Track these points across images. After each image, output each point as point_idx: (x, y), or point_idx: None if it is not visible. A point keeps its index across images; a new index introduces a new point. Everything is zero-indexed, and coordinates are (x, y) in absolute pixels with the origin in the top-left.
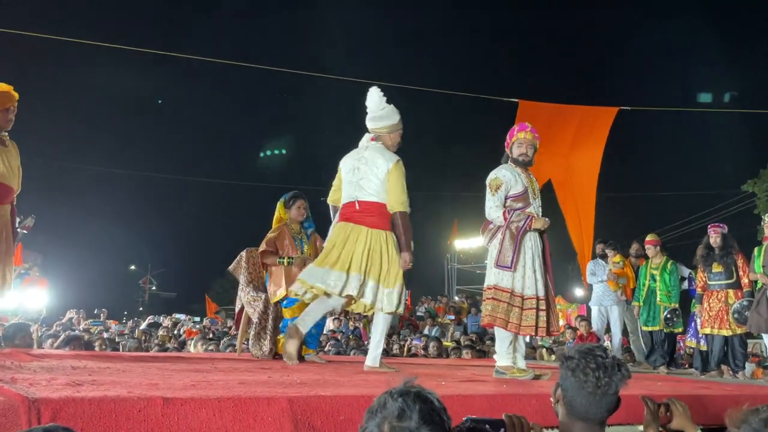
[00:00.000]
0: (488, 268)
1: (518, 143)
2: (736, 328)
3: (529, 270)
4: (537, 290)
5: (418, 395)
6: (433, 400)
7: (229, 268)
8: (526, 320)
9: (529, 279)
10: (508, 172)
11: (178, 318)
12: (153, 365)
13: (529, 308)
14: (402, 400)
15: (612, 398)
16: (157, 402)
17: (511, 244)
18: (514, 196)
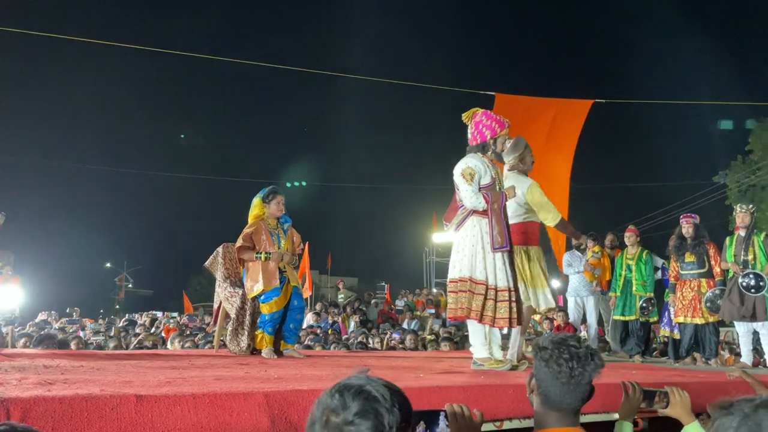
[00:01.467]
0: (458, 260)
1: (503, 139)
2: (708, 317)
3: (499, 261)
4: (508, 281)
5: (360, 390)
6: (376, 395)
7: (205, 264)
8: (500, 312)
9: (500, 270)
10: (479, 162)
11: (155, 315)
12: (128, 363)
13: (503, 300)
14: (339, 396)
15: (586, 388)
16: (131, 400)
17: (499, 223)
18: (484, 187)
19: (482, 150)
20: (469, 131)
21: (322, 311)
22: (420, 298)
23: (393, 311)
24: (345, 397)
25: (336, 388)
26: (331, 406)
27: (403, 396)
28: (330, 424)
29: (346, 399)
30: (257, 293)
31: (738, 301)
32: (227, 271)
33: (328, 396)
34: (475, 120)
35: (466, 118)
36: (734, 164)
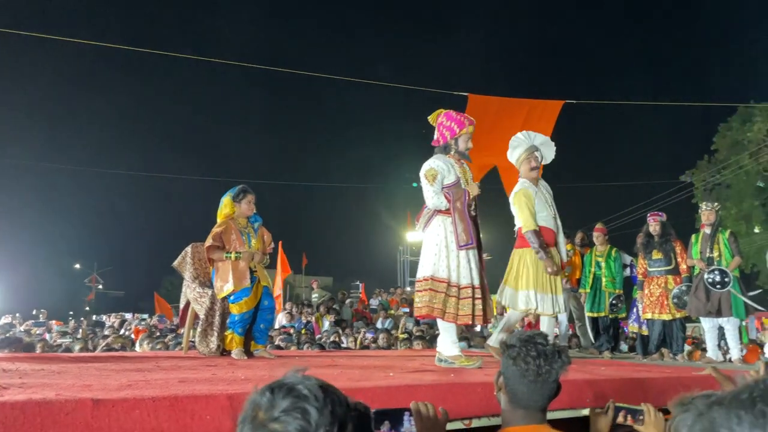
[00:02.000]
0: (423, 259)
1: (465, 137)
2: (675, 313)
3: (463, 259)
4: (472, 279)
5: (291, 389)
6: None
7: (173, 264)
8: (462, 309)
9: (464, 268)
10: (442, 162)
11: (124, 317)
12: (92, 366)
13: (465, 297)
14: (269, 394)
15: (553, 385)
16: (87, 404)
17: (463, 220)
18: (448, 186)
19: (445, 150)
20: (435, 133)
21: (293, 310)
22: (394, 297)
23: (367, 310)
24: (275, 394)
25: (268, 385)
26: (260, 403)
27: (341, 398)
28: (257, 420)
29: (276, 396)
30: (227, 293)
31: (704, 297)
32: (196, 271)
33: (259, 393)
34: (438, 121)
35: (432, 120)
36: (700, 163)
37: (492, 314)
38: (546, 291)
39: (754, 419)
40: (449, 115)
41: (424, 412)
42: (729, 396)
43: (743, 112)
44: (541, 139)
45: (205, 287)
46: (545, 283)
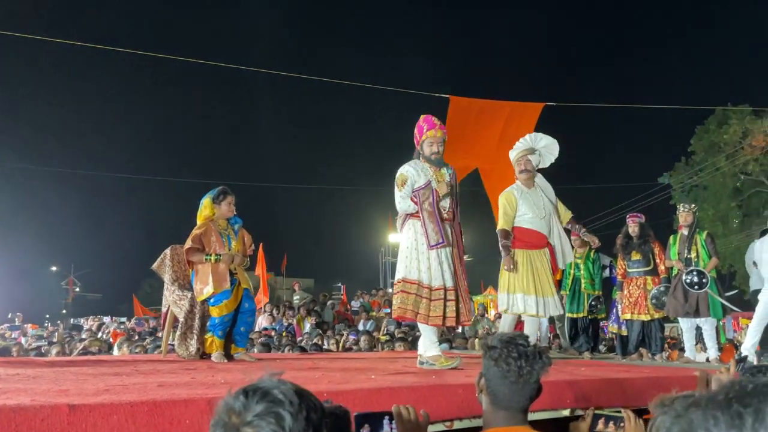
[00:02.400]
0: (398, 261)
1: (429, 141)
2: (654, 313)
3: (434, 261)
4: (444, 280)
5: (266, 393)
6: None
7: (152, 267)
8: (433, 311)
9: (435, 270)
10: (412, 168)
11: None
12: (69, 370)
13: (437, 299)
14: (243, 397)
15: (534, 386)
16: (63, 410)
17: (432, 220)
18: (418, 189)
19: (417, 155)
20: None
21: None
22: (376, 298)
23: (349, 312)
24: (249, 398)
25: (240, 390)
26: (234, 407)
27: (316, 403)
28: (229, 424)
29: (250, 400)
30: (207, 296)
31: (682, 297)
32: (175, 273)
33: (233, 397)
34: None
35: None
36: (678, 165)
37: (469, 316)
38: (530, 293)
39: (731, 420)
40: (418, 121)
41: (405, 415)
42: (706, 398)
43: (719, 115)
44: (545, 142)
45: (185, 290)
46: (529, 285)
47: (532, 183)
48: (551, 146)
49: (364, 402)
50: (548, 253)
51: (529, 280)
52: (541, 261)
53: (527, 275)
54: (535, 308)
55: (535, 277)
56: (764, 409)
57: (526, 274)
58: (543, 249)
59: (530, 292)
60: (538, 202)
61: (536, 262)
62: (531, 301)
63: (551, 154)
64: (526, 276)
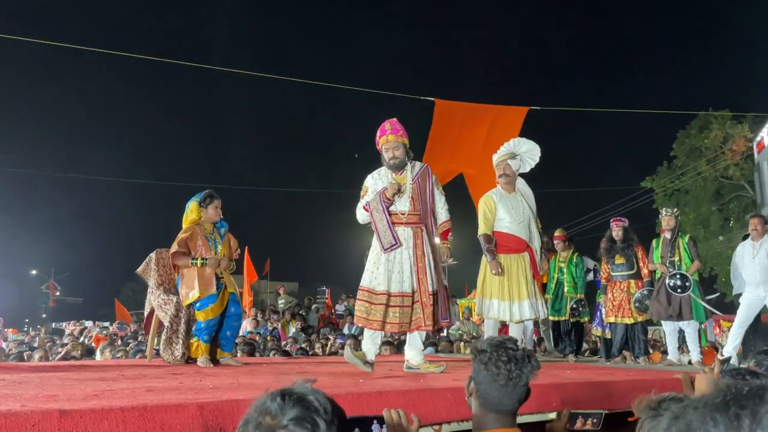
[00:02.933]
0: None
1: (385, 149)
2: (637, 316)
3: (382, 266)
4: (389, 286)
5: (301, 398)
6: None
7: (137, 271)
8: (373, 315)
9: (381, 275)
10: (371, 178)
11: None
12: (54, 375)
13: (378, 303)
14: (280, 400)
15: (523, 389)
16: (54, 415)
17: (381, 222)
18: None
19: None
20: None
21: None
22: None
23: (334, 316)
24: (285, 401)
25: (278, 392)
26: (269, 409)
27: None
28: (263, 426)
29: (286, 404)
30: (193, 300)
31: (665, 301)
32: (161, 277)
33: (269, 398)
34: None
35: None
36: (660, 170)
37: (428, 321)
38: (504, 298)
39: (729, 422)
40: (380, 127)
41: (396, 419)
42: (704, 400)
43: (701, 120)
44: (527, 147)
45: (170, 294)
46: (503, 291)
47: (512, 188)
48: (532, 151)
49: (354, 406)
50: (528, 257)
51: (503, 286)
52: (518, 265)
53: (503, 280)
54: (509, 313)
55: (510, 282)
56: (761, 411)
57: (501, 280)
58: (522, 253)
59: (504, 297)
60: (517, 207)
61: (513, 266)
62: (505, 306)
63: (532, 159)
64: (500, 281)
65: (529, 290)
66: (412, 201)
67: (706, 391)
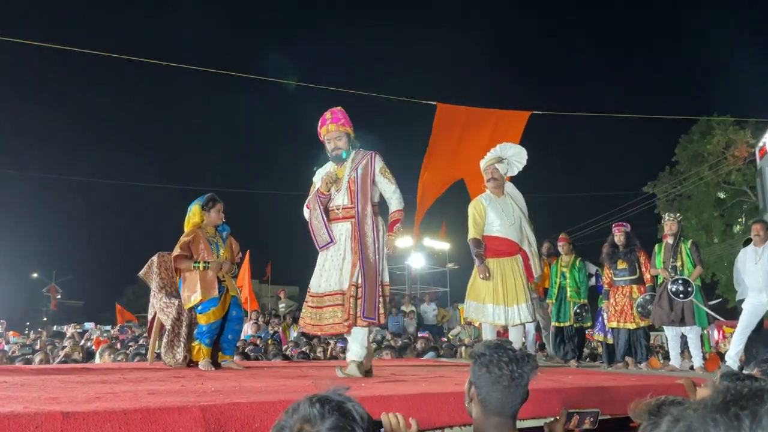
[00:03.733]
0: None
1: (327, 140)
2: (639, 322)
3: (318, 265)
4: (319, 285)
5: (339, 405)
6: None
7: (139, 274)
8: (305, 314)
9: (314, 275)
10: (317, 174)
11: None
12: (55, 378)
13: (314, 306)
14: (319, 406)
15: (524, 390)
16: (56, 417)
17: (316, 219)
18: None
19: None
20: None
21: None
22: None
23: None
24: (324, 409)
25: (316, 398)
26: (308, 416)
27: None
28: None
29: (325, 411)
30: (194, 303)
31: (667, 306)
32: (162, 281)
33: (307, 405)
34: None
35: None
36: (662, 175)
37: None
38: (500, 302)
39: (729, 422)
40: (321, 117)
41: (394, 423)
42: (703, 402)
43: (703, 125)
44: (513, 150)
45: (172, 297)
46: (498, 295)
47: (501, 191)
48: (519, 154)
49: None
50: (521, 260)
51: (498, 290)
52: (512, 268)
53: (497, 284)
54: (504, 317)
55: (503, 286)
56: (760, 412)
57: (494, 284)
58: (514, 256)
59: (498, 301)
60: (507, 210)
61: (506, 269)
62: (499, 310)
63: (519, 162)
64: (494, 285)
65: (525, 294)
66: (350, 193)
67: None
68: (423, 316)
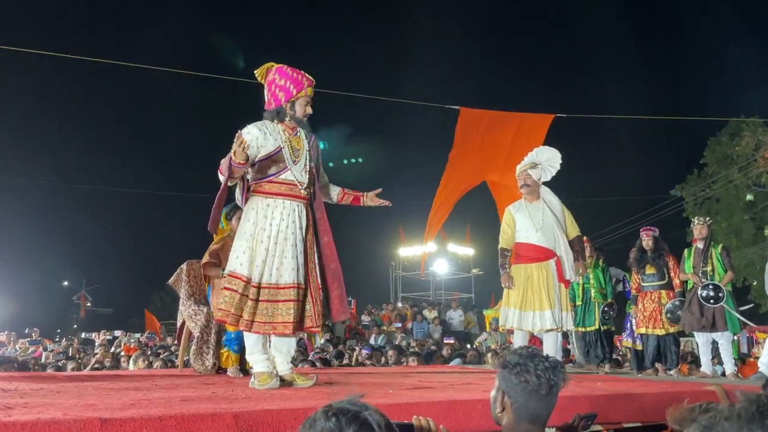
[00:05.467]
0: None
1: (303, 101)
2: (669, 327)
3: (271, 251)
4: (279, 276)
5: (356, 416)
6: (372, 422)
7: (168, 282)
8: (259, 315)
9: (269, 263)
10: (256, 129)
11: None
12: (89, 385)
13: (266, 300)
14: (336, 420)
15: (556, 398)
16: (95, 423)
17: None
18: (265, 157)
19: (278, 116)
20: (264, 93)
21: None
22: (386, 313)
23: (360, 326)
24: (341, 420)
25: (332, 411)
26: (326, 429)
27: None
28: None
29: (342, 423)
30: None
31: (698, 311)
32: (191, 288)
33: (323, 418)
34: (268, 79)
35: (259, 76)
36: (690, 178)
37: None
38: (525, 308)
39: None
40: (283, 72)
41: (425, 427)
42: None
43: (732, 126)
44: (548, 155)
45: (201, 305)
46: (525, 301)
47: (534, 197)
48: (553, 158)
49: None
50: (554, 265)
51: (525, 296)
52: (540, 274)
53: (522, 290)
54: (531, 323)
55: (530, 292)
56: None
57: (519, 290)
58: (544, 262)
59: (524, 307)
60: (536, 215)
61: (534, 276)
62: (525, 316)
63: (552, 167)
64: (519, 291)
65: (551, 300)
66: (310, 171)
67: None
68: (449, 322)
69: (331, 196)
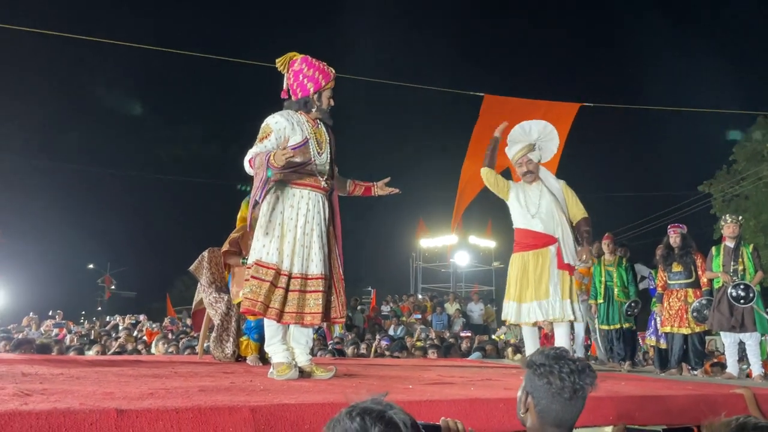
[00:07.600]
0: (254, 239)
1: (329, 92)
2: (695, 327)
3: (299, 241)
4: (307, 267)
5: (381, 415)
6: (397, 421)
7: (190, 269)
8: (290, 305)
9: (299, 253)
10: (283, 119)
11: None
12: (110, 370)
13: (296, 290)
14: (360, 420)
15: (583, 402)
16: (111, 414)
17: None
18: (292, 148)
19: (304, 107)
20: (286, 82)
21: None
22: (406, 303)
23: (379, 317)
24: (366, 421)
25: (356, 411)
26: (350, 430)
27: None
28: None
29: (367, 423)
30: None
31: (727, 311)
32: (212, 276)
33: (348, 418)
34: (293, 69)
35: (281, 65)
36: (719, 174)
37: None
38: (523, 300)
39: None
40: (310, 63)
41: (454, 429)
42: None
43: (762, 123)
44: (537, 129)
45: (221, 292)
46: (523, 292)
47: (534, 178)
48: (544, 131)
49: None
50: (554, 251)
51: (522, 287)
52: (536, 262)
53: (519, 281)
54: (527, 315)
55: (525, 282)
56: None
57: (516, 281)
58: (542, 249)
59: (522, 299)
60: (532, 199)
61: (530, 264)
62: (524, 308)
63: (551, 143)
64: (516, 282)
65: (546, 289)
66: (331, 163)
67: None
68: (469, 315)
69: (342, 189)
